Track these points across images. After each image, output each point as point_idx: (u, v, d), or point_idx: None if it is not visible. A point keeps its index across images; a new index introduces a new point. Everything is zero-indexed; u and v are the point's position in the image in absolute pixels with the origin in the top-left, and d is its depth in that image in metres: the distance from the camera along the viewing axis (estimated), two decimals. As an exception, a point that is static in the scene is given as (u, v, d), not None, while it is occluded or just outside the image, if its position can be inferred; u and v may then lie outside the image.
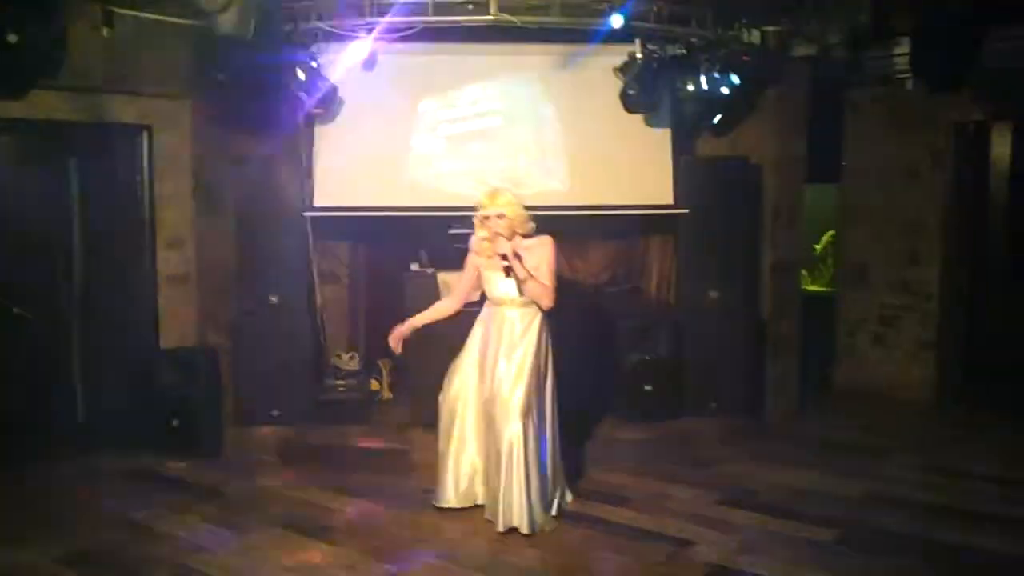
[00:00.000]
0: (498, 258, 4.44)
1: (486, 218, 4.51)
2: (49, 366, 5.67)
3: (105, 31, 5.34)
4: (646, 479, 5.27)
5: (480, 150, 6.17)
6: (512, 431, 4.36)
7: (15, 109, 5.31)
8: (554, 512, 4.61)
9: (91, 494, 5.09)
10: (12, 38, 4.76)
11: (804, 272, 8.01)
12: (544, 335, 4.60)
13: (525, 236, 4.55)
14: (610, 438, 5.72)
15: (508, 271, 4.44)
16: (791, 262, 6.59)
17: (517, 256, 4.43)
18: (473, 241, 4.64)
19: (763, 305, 6.39)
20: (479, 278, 4.65)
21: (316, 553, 4.25)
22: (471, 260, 4.66)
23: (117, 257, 5.87)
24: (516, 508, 4.36)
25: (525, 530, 4.35)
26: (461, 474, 4.70)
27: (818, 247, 8.99)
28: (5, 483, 5.21)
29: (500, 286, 4.54)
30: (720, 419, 6.01)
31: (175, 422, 5.65)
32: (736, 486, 5.17)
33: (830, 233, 8.53)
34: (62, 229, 5.68)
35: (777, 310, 6.41)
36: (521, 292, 4.49)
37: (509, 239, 4.47)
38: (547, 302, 4.50)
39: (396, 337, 4.71)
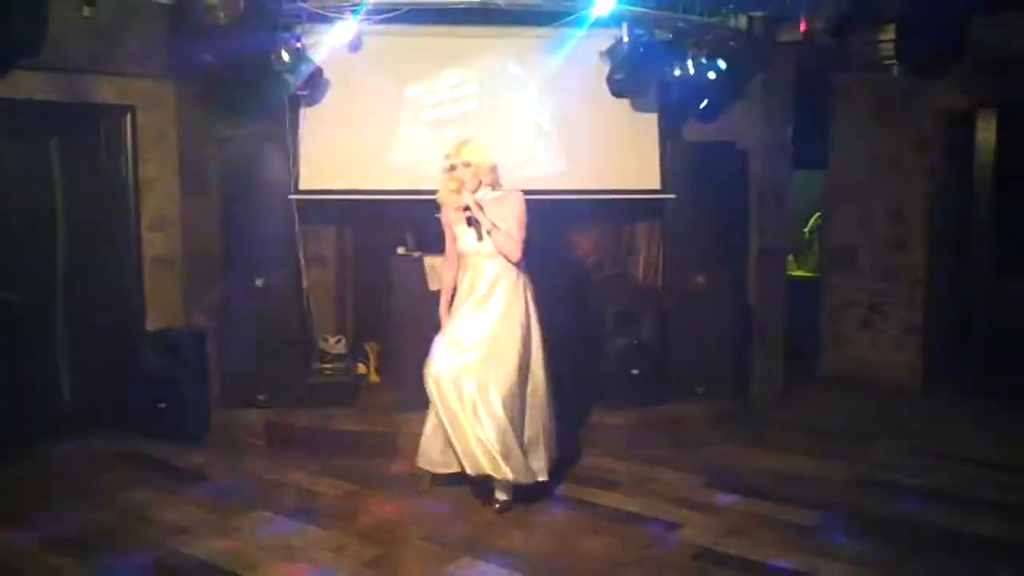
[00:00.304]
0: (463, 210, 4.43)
1: (452, 168, 4.49)
2: (34, 349, 5.61)
3: (87, 10, 5.27)
4: (632, 463, 5.28)
5: (465, 133, 6.12)
6: (500, 393, 4.36)
7: (-5, 89, 5.26)
8: (543, 476, 4.55)
9: (77, 477, 5.08)
10: (-9, 17, 4.71)
11: (790, 257, 8.03)
12: (524, 293, 4.55)
13: (494, 187, 4.54)
14: (596, 422, 5.72)
15: (470, 222, 4.43)
16: (777, 247, 6.60)
17: (480, 207, 4.41)
18: (440, 193, 4.61)
19: (749, 290, 6.41)
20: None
21: (302, 536, 4.25)
22: (444, 216, 4.64)
23: (101, 239, 5.83)
24: (485, 457, 4.33)
25: (509, 477, 4.35)
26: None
27: (807, 229, 9.00)
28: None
29: (467, 239, 4.52)
30: (706, 404, 6.01)
31: (162, 405, 5.63)
32: (722, 470, 5.20)
33: (817, 215, 8.50)
34: (45, 211, 5.62)
35: (763, 295, 6.43)
36: (480, 239, 4.45)
37: (475, 189, 4.47)
38: (515, 253, 4.46)
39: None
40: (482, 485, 4.54)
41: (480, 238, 4.46)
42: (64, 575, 3.83)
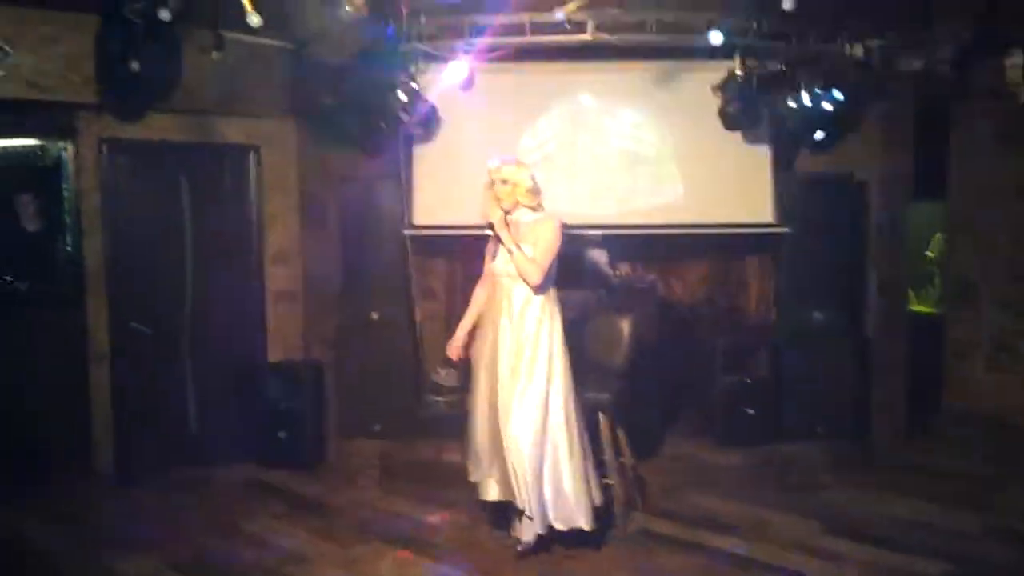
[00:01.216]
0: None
1: (492, 184, 4.45)
2: (165, 380, 5.87)
3: (215, 54, 5.53)
4: (745, 505, 5.15)
5: (576, 168, 6.18)
6: (522, 427, 4.24)
7: (131, 131, 5.59)
8: (581, 524, 4.29)
9: (201, 504, 5.28)
10: (135, 66, 5.02)
11: (911, 292, 7.74)
12: (551, 322, 4.37)
13: (535, 210, 4.45)
14: (707, 461, 5.63)
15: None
16: (897, 281, 6.39)
17: (507, 226, 4.34)
18: (482, 209, 4.50)
19: (868, 326, 6.21)
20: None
21: (418, 568, 4.32)
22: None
23: (227, 273, 6.07)
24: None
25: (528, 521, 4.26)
26: None
27: (930, 252, 8.60)
28: (122, 491, 5.44)
29: (497, 259, 4.47)
30: (824, 444, 5.83)
31: (281, 434, 5.81)
32: (842, 515, 5.00)
33: (941, 236, 8.04)
34: (175, 246, 5.89)
35: (882, 331, 6.21)
36: (492, 259, 4.44)
37: (511, 209, 4.41)
38: (532, 278, 4.27)
39: (455, 350, 4.70)
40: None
41: (492, 258, 4.45)
42: (192, 600, 4.00)
